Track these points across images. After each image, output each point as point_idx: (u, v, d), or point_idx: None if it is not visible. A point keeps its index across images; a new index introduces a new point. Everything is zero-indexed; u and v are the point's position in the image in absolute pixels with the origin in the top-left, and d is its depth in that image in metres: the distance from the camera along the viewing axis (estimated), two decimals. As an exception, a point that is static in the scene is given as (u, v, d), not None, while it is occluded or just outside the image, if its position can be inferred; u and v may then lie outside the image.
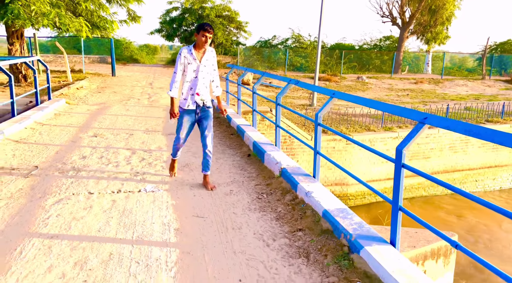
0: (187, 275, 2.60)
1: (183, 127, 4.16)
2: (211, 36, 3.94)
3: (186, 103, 4.09)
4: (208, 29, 3.90)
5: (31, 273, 2.57)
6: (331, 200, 3.44)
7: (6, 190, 3.99)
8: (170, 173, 4.54)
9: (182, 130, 4.17)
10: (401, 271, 2.37)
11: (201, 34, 3.91)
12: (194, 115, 4.14)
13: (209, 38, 3.92)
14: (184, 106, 4.11)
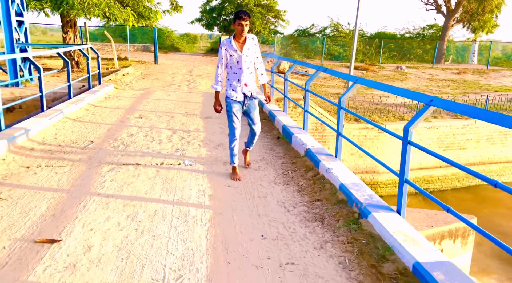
0: (218, 230, 3.10)
1: (235, 120, 4.10)
2: (248, 24, 3.80)
3: (235, 94, 4.05)
4: (243, 17, 3.76)
5: (93, 221, 3.17)
6: (348, 176, 3.81)
7: (68, 158, 4.68)
8: (234, 178, 4.21)
9: (235, 122, 4.10)
10: (401, 232, 2.73)
11: (237, 23, 3.80)
12: (242, 106, 4.11)
13: (246, 25, 3.79)
14: (232, 97, 4.06)
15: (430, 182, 11.71)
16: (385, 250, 2.67)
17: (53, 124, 6.19)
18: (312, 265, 2.64)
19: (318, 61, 26.79)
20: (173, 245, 2.85)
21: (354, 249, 2.79)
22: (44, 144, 5.26)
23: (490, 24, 30.96)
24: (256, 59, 4.09)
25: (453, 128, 11.57)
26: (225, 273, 2.54)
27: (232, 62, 3.98)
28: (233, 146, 4.18)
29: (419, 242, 2.60)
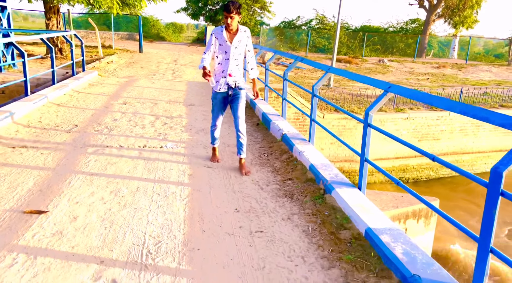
0: (195, 204, 3.36)
1: (217, 109, 4.13)
2: (234, 16, 3.68)
3: (218, 85, 4.01)
4: (229, 8, 3.65)
5: (78, 195, 3.39)
6: (318, 157, 4.12)
7: (53, 141, 4.86)
8: (212, 159, 4.41)
9: (216, 112, 4.14)
10: (359, 204, 3.05)
11: (224, 15, 3.72)
12: (226, 96, 4.06)
13: (232, 18, 3.69)
14: (216, 88, 4.03)
15: (405, 171, 12.19)
16: (343, 219, 2.99)
17: (38, 108, 6.32)
18: (278, 233, 2.94)
19: (303, 53, 27.05)
20: (153, 216, 3.11)
21: (317, 220, 3.10)
22: (29, 127, 5.40)
23: (470, 20, 31.65)
24: (247, 52, 4.03)
25: (428, 119, 12.05)
26: (200, 239, 2.81)
27: (220, 52, 3.90)
28: (213, 130, 4.28)
29: (373, 213, 2.92)
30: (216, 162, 4.39)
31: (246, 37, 3.92)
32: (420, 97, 2.93)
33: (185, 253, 2.62)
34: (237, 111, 4.06)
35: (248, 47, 3.99)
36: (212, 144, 4.40)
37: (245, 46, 3.96)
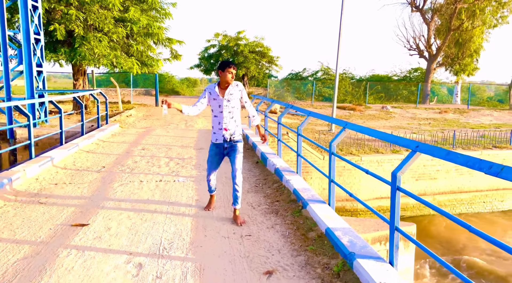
0: (200, 219, 4.29)
1: (212, 160, 4.32)
2: (234, 73, 4.02)
3: (215, 137, 4.22)
4: (232, 66, 4.00)
5: (110, 214, 4.36)
6: (301, 184, 5.05)
7: (86, 179, 5.92)
8: (207, 209, 4.58)
9: (211, 163, 4.33)
10: (325, 214, 3.93)
11: (226, 70, 3.97)
12: (222, 149, 4.23)
13: (233, 76, 4.02)
14: (213, 140, 4.25)
15: (405, 209, 12.78)
16: (312, 224, 3.87)
17: (71, 154, 7.48)
18: (263, 236, 3.83)
19: (309, 102, 28.56)
20: (167, 227, 4.04)
21: (294, 227, 3.98)
22: (66, 168, 6.51)
23: (470, 67, 33.15)
24: (245, 103, 4.23)
25: (424, 159, 12.84)
26: (202, 240, 3.72)
27: (215, 107, 4.13)
28: (208, 181, 4.48)
29: (335, 219, 3.80)
30: (209, 210, 4.57)
31: (239, 90, 4.14)
32: (368, 132, 3.89)
33: (190, 249, 3.53)
34: (234, 163, 4.19)
35: (243, 99, 4.20)
36: (210, 191, 4.59)
37: (239, 98, 4.17)
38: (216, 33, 30.16)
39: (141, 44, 15.66)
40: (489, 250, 10.94)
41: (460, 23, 30.19)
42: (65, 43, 14.00)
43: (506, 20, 32.55)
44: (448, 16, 30.41)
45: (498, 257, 10.65)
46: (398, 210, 2.99)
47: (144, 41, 15.79)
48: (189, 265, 3.24)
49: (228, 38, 29.87)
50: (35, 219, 4.19)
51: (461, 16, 30.13)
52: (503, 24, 32.70)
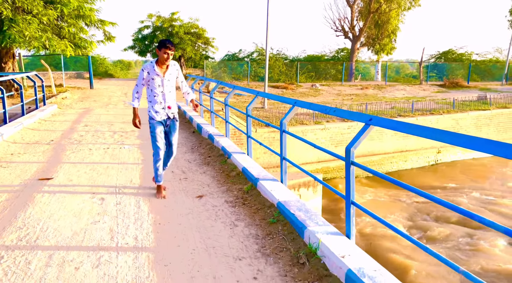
0: (145, 169, 5.38)
1: (159, 138, 4.30)
2: (173, 53, 4.04)
3: (159, 115, 4.26)
4: (170, 47, 3.99)
5: (69, 171, 5.29)
6: (228, 143, 6.30)
7: (39, 149, 6.66)
8: (158, 196, 4.36)
9: (159, 141, 4.30)
10: (244, 160, 5.22)
11: (162, 51, 4.00)
12: (163, 126, 4.34)
13: (171, 54, 4.02)
14: (156, 118, 4.26)
15: (327, 172, 14.72)
16: (234, 167, 5.16)
17: (18, 131, 8.04)
18: (196, 178, 5.03)
19: (245, 82, 29.82)
20: (120, 177, 5.09)
21: (220, 171, 5.25)
22: (16, 143, 7.15)
23: (388, 47, 36.39)
24: (181, 83, 4.42)
25: (341, 129, 14.80)
26: (149, 183, 4.84)
27: (154, 86, 4.16)
28: (157, 166, 4.35)
29: (250, 162, 5.11)
30: (162, 198, 4.36)
31: (176, 70, 4.27)
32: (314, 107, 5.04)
33: (140, 188, 4.64)
34: (172, 140, 4.42)
35: (179, 79, 4.37)
36: (157, 181, 4.41)
37: (176, 78, 4.32)
38: (150, 14, 30.00)
39: (73, 26, 15.70)
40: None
41: (378, 6, 32.98)
42: (-9, 25, 13.71)
43: (418, 3, 36.04)
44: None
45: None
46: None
47: (76, 23, 15.84)
48: (140, 197, 4.37)
49: (162, 19, 29.87)
50: (4, 177, 5.01)
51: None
52: (416, 6, 36.13)
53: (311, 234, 3.03)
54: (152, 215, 3.84)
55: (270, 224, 3.58)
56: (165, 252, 3.10)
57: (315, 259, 2.84)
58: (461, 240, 10.05)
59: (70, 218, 3.73)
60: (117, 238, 3.33)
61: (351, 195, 3.04)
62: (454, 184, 14.97)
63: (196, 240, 3.31)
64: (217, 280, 2.71)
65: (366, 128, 3.11)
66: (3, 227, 3.53)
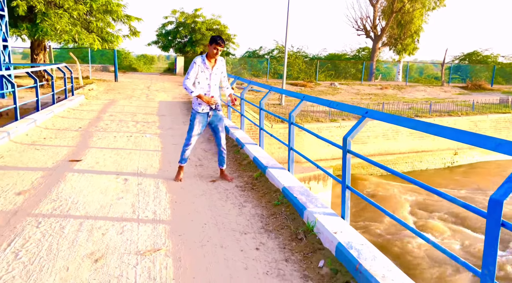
0: (165, 156, 5.82)
1: (195, 129, 4.56)
2: (222, 49, 4.35)
3: (201, 107, 4.53)
4: (220, 43, 4.30)
5: (96, 154, 5.78)
6: (242, 134, 6.67)
7: (68, 135, 7.21)
8: (177, 178, 4.69)
9: (194, 131, 4.56)
10: (256, 150, 5.59)
11: (213, 46, 4.31)
12: (206, 117, 4.59)
13: (220, 50, 4.34)
14: (199, 110, 4.54)
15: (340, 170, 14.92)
16: (246, 157, 5.54)
17: (49, 118, 8.64)
18: (211, 165, 5.43)
19: (264, 79, 30.16)
20: (141, 161, 5.54)
21: (233, 159, 5.64)
22: (48, 129, 7.73)
23: (411, 47, 36.00)
24: (223, 78, 4.68)
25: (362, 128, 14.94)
26: (168, 168, 5.27)
27: (202, 78, 4.43)
28: (186, 149, 4.68)
29: (261, 152, 5.48)
30: (179, 181, 4.68)
31: (222, 65, 4.57)
32: (328, 104, 5.41)
33: (159, 172, 5.08)
34: (218, 130, 4.69)
35: (224, 73, 4.67)
36: (181, 162, 4.73)
37: (221, 73, 4.61)
38: (173, 10, 30.65)
39: (101, 20, 16.39)
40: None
41: (402, 5, 32.68)
42: (25, 19, 14.51)
43: (443, 3, 35.48)
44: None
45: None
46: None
47: (103, 18, 16.52)
48: (159, 179, 4.80)
49: (186, 15, 30.48)
50: (38, 158, 5.55)
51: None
52: (441, 6, 35.59)
53: (309, 214, 3.38)
54: (169, 195, 4.26)
55: (275, 206, 3.95)
56: (179, 224, 3.51)
57: (311, 235, 3.19)
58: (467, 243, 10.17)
59: (97, 194, 4.19)
60: (138, 212, 3.76)
61: (346, 180, 3.34)
62: (469, 186, 14.95)
63: (208, 217, 3.71)
64: (224, 249, 3.09)
65: (362, 120, 3.38)
66: (39, 199, 4.02)
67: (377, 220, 10.98)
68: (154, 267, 2.78)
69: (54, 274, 2.65)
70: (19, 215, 3.61)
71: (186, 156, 4.72)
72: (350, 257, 2.62)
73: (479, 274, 1.91)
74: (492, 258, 1.81)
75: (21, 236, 3.19)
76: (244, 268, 2.81)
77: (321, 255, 2.91)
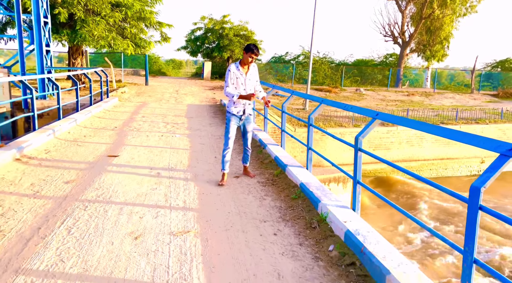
0: (193, 154, 6.30)
1: (231, 130, 4.81)
2: (256, 57, 4.64)
3: (236, 110, 4.80)
4: (256, 52, 4.58)
5: (131, 151, 6.33)
6: (265, 136, 7.08)
7: (105, 133, 7.83)
8: (221, 183, 4.81)
9: (231, 133, 4.81)
10: (277, 150, 5.97)
11: (249, 54, 4.58)
12: (239, 120, 4.87)
13: (254, 58, 4.64)
14: (234, 112, 4.80)
15: (363, 175, 15.05)
16: (267, 156, 5.93)
17: (88, 118, 9.34)
18: (236, 163, 5.86)
19: (289, 85, 30.53)
20: (172, 158, 6.04)
21: (256, 158, 6.04)
22: (86, 127, 8.39)
23: (440, 54, 35.45)
24: (256, 82, 4.93)
25: (380, 133, 15.08)
26: (195, 164, 5.73)
27: (237, 83, 4.71)
28: (225, 153, 4.85)
29: (282, 152, 5.85)
30: (221, 185, 4.80)
31: (255, 71, 4.88)
32: (343, 107, 5.82)
33: (188, 168, 5.55)
34: (247, 131, 5.02)
35: (256, 78, 4.93)
36: (223, 169, 4.88)
37: (255, 77, 4.89)
38: (202, 17, 31.53)
39: (134, 27, 17.26)
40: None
41: (431, 12, 32.32)
42: (66, 26, 15.53)
43: (475, 9, 34.79)
44: (420, 5, 32.49)
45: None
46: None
47: (137, 24, 17.39)
48: (188, 174, 5.26)
49: (214, 21, 31.31)
50: (80, 152, 6.14)
51: (433, 5, 32.24)
52: (472, 13, 34.91)
53: (323, 206, 3.74)
54: (197, 187, 4.71)
55: (293, 200, 4.32)
56: (206, 212, 3.94)
57: (324, 224, 3.54)
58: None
59: (134, 185, 4.69)
60: (170, 200, 4.22)
61: (357, 176, 3.70)
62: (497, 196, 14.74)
63: (231, 206, 4.12)
64: (245, 233, 3.49)
65: (372, 122, 3.72)
66: (84, 187, 4.55)
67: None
68: (184, 244, 3.21)
69: (102, 247, 3.12)
70: (68, 200, 4.14)
71: (227, 160, 4.86)
72: (357, 241, 2.96)
73: (462, 251, 2.22)
74: (472, 237, 2.12)
75: (72, 216, 3.71)
76: (262, 249, 3.19)
77: (331, 241, 3.26)
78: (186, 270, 2.82)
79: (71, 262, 2.88)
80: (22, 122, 12.56)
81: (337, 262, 2.97)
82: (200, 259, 2.99)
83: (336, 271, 2.86)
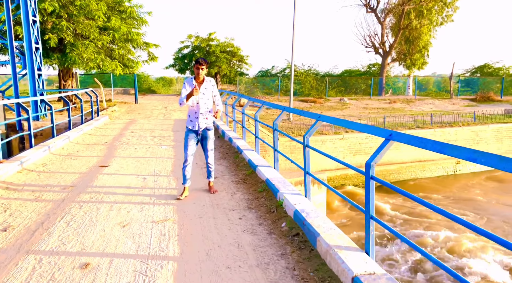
0: (177, 162, 7.01)
1: (189, 145, 4.86)
2: (204, 68, 4.61)
3: (191, 124, 4.85)
4: (201, 62, 4.62)
5: (120, 162, 7.02)
6: (243, 143, 7.83)
7: (97, 148, 8.52)
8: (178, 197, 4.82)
9: (189, 148, 4.87)
10: (252, 155, 6.71)
11: (195, 66, 4.66)
12: (196, 134, 4.89)
13: (202, 70, 4.60)
14: (189, 126, 4.87)
15: (345, 179, 15.82)
16: (243, 160, 6.67)
17: (79, 135, 10.03)
18: (215, 167, 6.59)
19: (276, 97, 31.48)
20: (157, 166, 6.75)
21: (233, 162, 6.77)
22: (79, 143, 9.08)
23: (420, 62, 36.80)
24: (214, 97, 4.90)
25: (359, 139, 15.92)
26: (178, 170, 6.44)
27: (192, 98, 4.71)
28: (185, 166, 4.91)
29: (255, 155, 6.60)
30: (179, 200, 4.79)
31: (212, 85, 4.83)
32: (338, 122, 6.64)
33: (172, 173, 6.26)
34: (206, 146, 4.97)
35: (214, 93, 4.87)
36: (184, 182, 4.92)
37: (211, 92, 4.84)
38: (189, 35, 32.60)
39: (122, 48, 18.08)
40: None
41: (409, 22, 33.74)
42: (56, 50, 16.29)
43: (451, 18, 36.33)
44: (398, 16, 33.94)
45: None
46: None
47: (124, 46, 18.22)
48: (171, 177, 5.97)
49: (200, 39, 32.38)
50: (74, 164, 6.83)
51: (410, 16, 33.69)
52: (448, 22, 36.43)
53: (281, 195, 4.47)
54: (178, 187, 5.42)
55: (259, 192, 5.05)
56: (184, 205, 4.65)
57: (280, 208, 4.27)
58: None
59: (123, 188, 5.39)
60: (154, 198, 4.92)
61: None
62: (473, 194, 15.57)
63: (206, 200, 4.84)
64: (215, 219, 4.20)
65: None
66: (79, 191, 5.24)
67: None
68: (164, 229, 3.92)
69: (96, 233, 3.81)
70: (66, 202, 4.83)
71: (186, 174, 4.88)
72: (301, 217, 3.70)
73: (363, 210, 2.97)
74: (368, 200, 2.88)
75: (69, 213, 4.39)
76: (228, 229, 3.91)
77: (284, 220, 3.99)
78: (164, 246, 3.53)
79: (71, 244, 3.57)
80: (17, 143, 13.17)
81: (286, 234, 3.70)
82: (176, 238, 3.69)
83: (284, 240, 3.59)
